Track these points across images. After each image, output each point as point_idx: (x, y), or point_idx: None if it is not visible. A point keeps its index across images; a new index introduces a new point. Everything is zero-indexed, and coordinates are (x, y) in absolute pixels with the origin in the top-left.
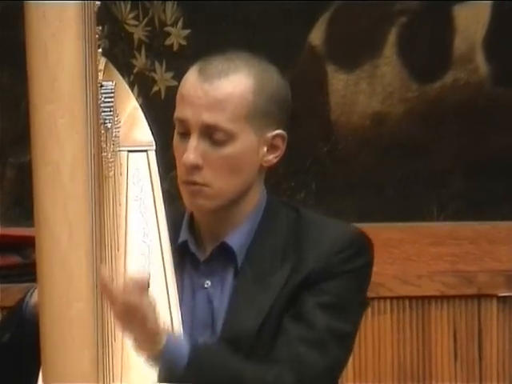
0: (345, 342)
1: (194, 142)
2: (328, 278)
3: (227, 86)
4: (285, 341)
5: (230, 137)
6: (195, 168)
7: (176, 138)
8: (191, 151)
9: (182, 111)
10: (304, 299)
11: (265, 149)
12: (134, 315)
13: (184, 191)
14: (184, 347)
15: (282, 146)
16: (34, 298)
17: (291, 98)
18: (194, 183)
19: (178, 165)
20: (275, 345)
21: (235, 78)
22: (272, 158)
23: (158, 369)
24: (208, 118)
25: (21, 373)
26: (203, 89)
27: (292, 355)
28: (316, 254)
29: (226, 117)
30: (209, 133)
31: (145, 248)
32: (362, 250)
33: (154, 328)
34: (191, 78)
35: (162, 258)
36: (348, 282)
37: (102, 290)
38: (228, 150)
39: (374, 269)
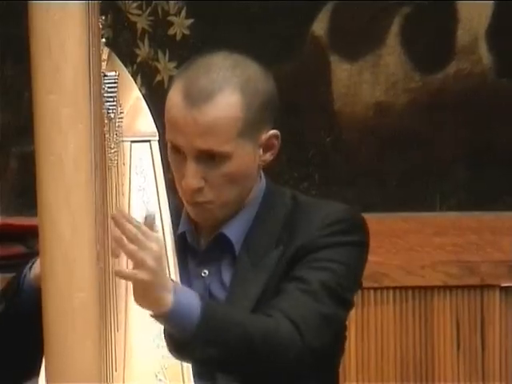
0: (338, 301)
1: (192, 166)
2: (320, 249)
3: (215, 110)
4: (279, 296)
5: (226, 156)
6: (197, 191)
7: (170, 153)
8: (192, 176)
9: (174, 137)
10: (297, 268)
11: (261, 151)
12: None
13: (189, 208)
14: (194, 306)
15: (277, 144)
16: (33, 270)
17: (294, 88)
18: (198, 203)
19: (177, 182)
20: (271, 301)
21: (222, 99)
22: (268, 156)
23: (164, 330)
24: (201, 144)
25: (18, 345)
26: (191, 116)
27: (287, 303)
28: (307, 229)
29: (219, 141)
30: (205, 156)
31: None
32: (355, 227)
33: (161, 284)
34: (177, 102)
35: (165, 248)
36: (339, 253)
37: (116, 224)
38: (226, 167)
39: (378, 259)
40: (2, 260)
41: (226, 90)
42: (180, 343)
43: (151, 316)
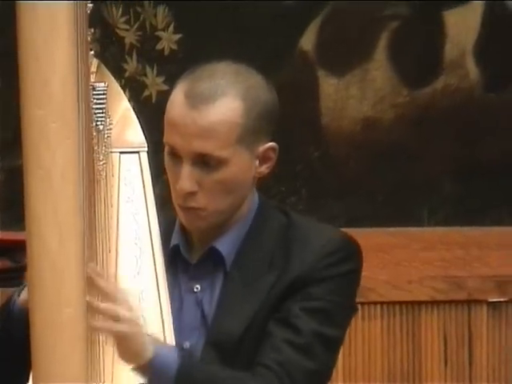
0: (331, 347)
1: (187, 169)
2: (314, 282)
3: (215, 113)
4: (270, 345)
5: (222, 162)
6: (191, 195)
7: (167, 157)
8: (186, 179)
9: (171, 138)
10: (290, 304)
11: (257, 162)
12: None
13: (180, 213)
14: (172, 359)
15: (274, 157)
16: (22, 295)
17: (282, 103)
18: (190, 208)
19: (171, 186)
20: (260, 349)
21: (223, 103)
22: (264, 169)
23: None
24: (199, 147)
25: (9, 368)
26: (191, 117)
27: (277, 360)
28: (303, 258)
29: (216, 145)
30: (201, 159)
31: (136, 250)
32: (350, 255)
33: (139, 337)
34: (178, 102)
35: (154, 260)
36: (335, 286)
37: (89, 285)
38: (222, 174)
39: (365, 273)
40: None
41: (228, 94)
42: None
43: (132, 369)
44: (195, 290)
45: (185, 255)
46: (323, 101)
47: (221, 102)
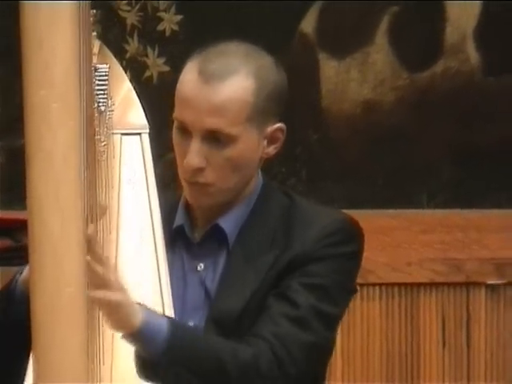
0: (329, 323)
1: (196, 144)
2: (314, 260)
3: (228, 90)
4: (266, 317)
5: (232, 139)
6: (199, 171)
7: (176, 133)
8: (195, 154)
9: (182, 113)
10: (289, 280)
11: (265, 142)
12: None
13: (187, 189)
14: (163, 326)
15: (282, 137)
16: (23, 276)
17: (286, 84)
18: (197, 184)
19: (178, 161)
20: (257, 321)
21: (235, 81)
22: (272, 149)
23: (134, 352)
24: (210, 123)
25: (10, 348)
26: (204, 93)
27: (272, 331)
28: (303, 238)
29: (227, 121)
30: (211, 136)
31: (137, 232)
32: (351, 237)
33: (126, 304)
34: (191, 78)
35: (154, 241)
36: (335, 265)
37: (88, 249)
38: (230, 151)
39: (364, 255)
40: None
41: (240, 73)
42: (148, 363)
43: (122, 337)
44: (198, 268)
45: (189, 235)
46: (324, 83)
47: (233, 79)
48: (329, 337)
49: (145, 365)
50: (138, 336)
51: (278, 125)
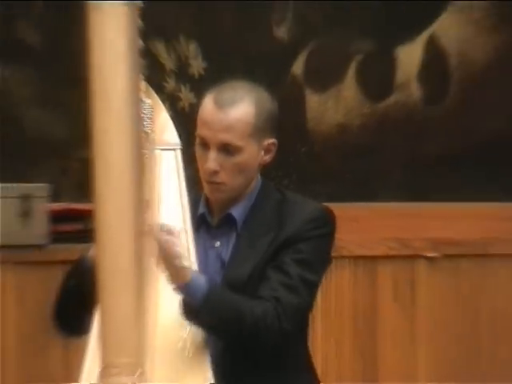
0: (312, 288)
1: (213, 154)
2: (301, 240)
3: (235, 113)
4: (268, 285)
5: (239, 150)
6: (215, 173)
7: (198, 148)
8: (212, 161)
9: (203, 131)
10: (283, 256)
11: (262, 153)
12: (168, 252)
13: (206, 187)
14: (203, 284)
15: (274, 149)
16: (90, 253)
17: (279, 112)
18: (214, 183)
19: (200, 168)
20: (260, 287)
21: (241, 106)
22: (267, 158)
23: (183, 300)
24: (223, 137)
25: (83, 306)
26: (218, 116)
27: (273, 295)
28: (293, 224)
29: (235, 136)
30: (223, 147)
31: (172, 222)
32: (328, 221)
33: (181, 264)
34: (208, 105)
35: (185, 229)
36: (316, 244)
37: (154, 238)
38: (237, 158)
39: (338, 236)
40: (68, 234)
41: (244, 101)
42: (190, 310)
43: (173, 288)
44: (216, 245)
45: (208, 220)
46: (308, 111)
47: (239, 106)
48: (311, 300)
49: (188, 310)
50: (186, 289)
51: (272, 140)
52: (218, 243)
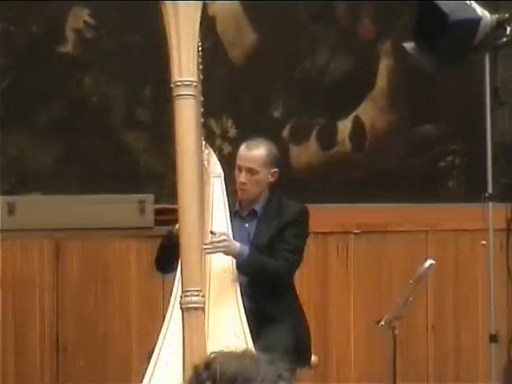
0: (300, 252)
1: (243, 174)
2: (294, 225)
3: (255, 153)
4: (278, 251)
5: (257, 172)
6: (244, 183)
7: (236, 171)
8: (242, 177)
9: (239, 162)
10: (285, 233)
11: (270, 176)
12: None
13: (239, 192)
14: (246, 250)
15: (276, 175)
16: (175, 230)
17: (280, 155)
18: (243, 189)
19: (237, 182)
20: (275, 252)
21: (260, 150)
22: (272, 179)
23: (235, 261)
24: (249, 165)
25: (174, 261)
26: (246, 153)
27: (283, 256)
28: (287, 215)
29: (256, 165)
30: (248, 170)
31: (220, 221)
32: (306, 215)
33: (232, 245)
34: (242, 148)
35: (227, 222)
36: (301, 227)
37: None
38: (256, 177)
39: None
40: (164, 221)
41: (260, 147)
42: (240, 265)
43: (232, 256)
44: (246, 225)
45: (241, 213)
46: (292, 157)
47: (257, 149)
48: (301, 257)
49: (239, 266)
50: (237, 255)
51: (275, 169)
52: (246, 225)
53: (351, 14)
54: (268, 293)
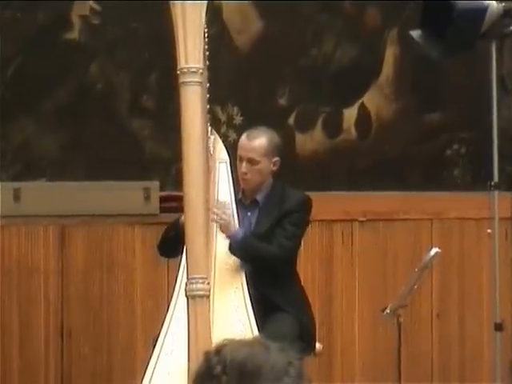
0: (298, 240)
1: (244, 164)
2: (294, 213)
3: (257, 143)
4: (276, 237)
5: (258, 162)
6: (245, 174)
7: (238, 161)
8: (243, 168)
9: (240, 152)
10: (284, 221)
11: (271, 165)
12: (221, 216)
13: (241, 182)
14: (241, 233)
15: (278, 164)
16: (181, 218)
17: (281, 143)
18: (244, 179)
19: (239, 171)
20: (273, 238)
21: (260, 139)
22: (275, 168)
23: (230, 242)
24: (250, 155)
25: (175, 247)
26: (247, 143)
27: (279, 242)
28: (289, 203)
29: (256, 155)
30: (249, 161)
31: (226, 201)
32: (308, 203)
33: (231, 223)
34: (243, 138)
35: (232, 209)
36: (302, 215)
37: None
38: (258, 167)
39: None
40: (169, 208)
41: (261, 136)
42: (234, 247)
43: (227, 237)
44: (248, 214)
45: (244, 202)
46: (298, 145)
47: (260, 139)
48: (298, 245)
49: (232, 248)
50: (232, 237)
51: (277, 158)
52: (249, 213)
53: (358, 1)
54: (272, 281)
